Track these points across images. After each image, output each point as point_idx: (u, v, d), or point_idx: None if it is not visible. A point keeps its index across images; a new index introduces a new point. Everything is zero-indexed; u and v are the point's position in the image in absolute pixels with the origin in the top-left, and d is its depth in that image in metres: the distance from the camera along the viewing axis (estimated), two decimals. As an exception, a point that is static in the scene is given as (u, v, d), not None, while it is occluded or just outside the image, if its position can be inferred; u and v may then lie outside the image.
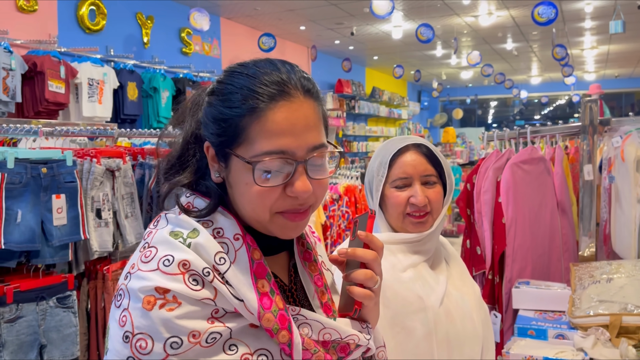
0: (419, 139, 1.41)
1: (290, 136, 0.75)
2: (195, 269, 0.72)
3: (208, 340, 0.71)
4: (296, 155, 0.76)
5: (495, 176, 2.37)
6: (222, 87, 0.79)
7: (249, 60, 0.82)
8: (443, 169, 1.39)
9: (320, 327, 0.80)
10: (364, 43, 10.24)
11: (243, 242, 0.78)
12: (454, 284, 1.43)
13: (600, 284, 1.87)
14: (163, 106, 5.94)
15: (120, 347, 0.71)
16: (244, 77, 0.77)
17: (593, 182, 2.32)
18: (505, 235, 2.26)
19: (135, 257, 0.77)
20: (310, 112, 0.78)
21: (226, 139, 0.78)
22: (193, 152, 0.84)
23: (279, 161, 0.75)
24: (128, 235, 2.76)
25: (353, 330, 0.84)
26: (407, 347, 1.32)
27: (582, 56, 12.25)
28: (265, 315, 0.74)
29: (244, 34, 8.51)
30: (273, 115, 0.75)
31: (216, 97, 0.79)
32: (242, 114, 0.75)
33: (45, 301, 2.33)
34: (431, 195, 1.36)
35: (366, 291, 0.84)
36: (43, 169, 2.31)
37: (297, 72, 0.80)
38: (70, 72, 4.94)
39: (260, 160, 0.75)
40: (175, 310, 0.70)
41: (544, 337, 1.82)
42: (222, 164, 0.80)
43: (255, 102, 0.75)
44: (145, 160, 3.00)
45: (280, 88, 0.76)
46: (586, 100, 2.31)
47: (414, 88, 16.64)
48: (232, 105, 0.76)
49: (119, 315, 0.72)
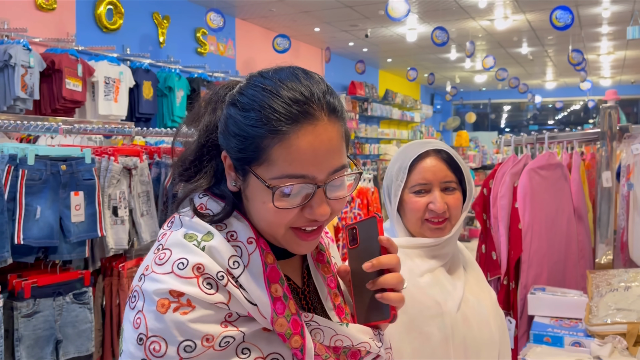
0: (439, 144, 1.40)
1: (313, 163, 0.74)
2: (210, 272, 0.73)
3: (221, 344, 0.71)
4: (317, 179, 0.75)
5: (512, 181, 2.35)
6: (243, 101, 0.76)
7: (270, 69, 0.80)
8: (463, 175, 1.38)
9: (333, 333, 0.80)
10: (377, 45, 10.23)
11: (256, 246, 0.78)
12: (471, 289, 1.43)
13: (618, 292, 1.86)
14: (178, 105, 5.98)
15: (134, 349, 0.72)
16: (266, 93, 0.75)
17: (611, 189, 2.30)
18: (522, 241, 2.25)
19: (149, 259, 0.77)
20: (334, 135, 0.76)
21: (246, 156, 0.76)
22: (209, 157, 0.83)
23: (299, 185, 0.75)
24: (143, 234, 2.79)
25: (365, 338, 0.83)
26: (424, 353, 1.31)
27: (598, 61, 12.14)
28: (278, 320, 0.74)
29: (258, 34, 8.54)
30: (297, 140, 0.73)
31: (237, 110, 0.77)
32: (264, 135, 0.74)
33: (62, 297, 2.36)
34: (450, 201, 1.35)
35: (400, 294, 0.84)
36: (62, 166, 2.34)
37: (321, 88, 0.77)
38: (87, 70, 4.99)
39: (280, 184, 0.74)
40: (189, 314, 0.70)
41: (560, 345, 1.81)
42: (239, 176, 0.79)
43: (278, 123, 0.73)
44: (162, 159, 3.02)
45: (304, 109, 0.74)
46: (605, 106, 2.29)
47: (427, 91, 16.58)
48: (254, 124, 0.74)
49: (133, 317, 0.73)
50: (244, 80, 0.81)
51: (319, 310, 0.87)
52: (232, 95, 0.79)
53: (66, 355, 2.36)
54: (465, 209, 1.41)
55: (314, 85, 0.77)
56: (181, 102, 6.02)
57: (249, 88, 0.77)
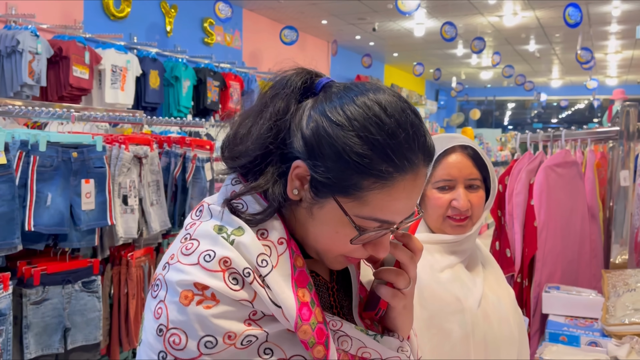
0: (465, 140, 1.37)
1: (401, 213, 0.74)
2: (236, 267, 0.70)
3: (243, 343, 0.69)
4: (395, 224, 0.75)
5: (528, 178, 2.33)
6: (353, 129, 0.69)
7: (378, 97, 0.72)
8: (488, 173, 1.36)
9: (361, 344, 0.78)
10: (384, 39, 10.18)
11: (287, 247, 0.75)
12: (490, 286, 1.41)
13: (635, 292, 1.84)
14: (184, 95, 5.95)
15: (153, 340, 0.69)
16: (383, 133, 0.69)
17: (628, 188, 2.28)
18: (537, 239, 2.23)
19: (175, 248, 0.74)
20: (424, 182, 0.75)
21: (337, 185, 0.71)
22: (273, 160, 0.76)
23: (380, 229, 0.74)
24: (153, 223, 2.77)
25: (394, 352, 0.81)
26: (443, 349, 1.29)
27: (605, 60, 12.09)
28: (302, 327, 0.71)
29: (265, 26, 8.49)
30: (398, 190, 0.71)
31: (343, 136, 0.70)
32: (369, 176, 0.69)
33: (70, 285, 2.34)
34: (474, 199, 1.33)
35: (394, 291, 0.80)
36: (74, 153, 2.32)
37: (425, 130, 0.73)
38: (94, 58, 4.96)
39: (366, 226, 0.72)
40: (212, 308, 0.68)
41: (577, 344, 1.79)
42: (311, 193, 0.73)
43: (388, 170, 0.69)
44: (171, 149, 3.00)
45: (412, 159, 0.71)
46: (625, 105, 2.27)
47: (432, 86, 16.53)
48: (362, 163, 0.69)
49: (154, 307, 0.71)
50: (341, 91, 0.74)
51: (346, 309, 0.85)
52: (332, 108, 0.72)
53: (74, 343, 2.35)
54: (487, 207, 1.38)
55: (421, 128, 0.73)
56: (187, 92, 5.99)
57: (358, 112, 0.70)
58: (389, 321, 0.85)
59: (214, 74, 6.36)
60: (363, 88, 0.74)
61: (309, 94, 0.78)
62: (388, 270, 0.81)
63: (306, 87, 0.78)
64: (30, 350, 2.20)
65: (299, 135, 0.73)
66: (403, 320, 0.85)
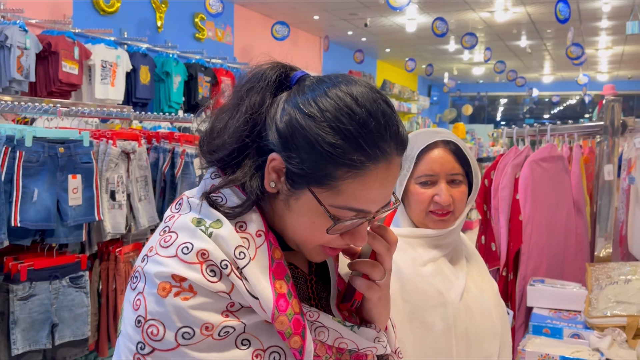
0: (448, 135, 1.37)
1: (376, 201, 0.75)
2: (214, 259, 0.70)
3: (221, 334, 0.70)
4: (371, 213, 0.76)
5: (514, 173, 2.35)
6: (324, 120, 0.71)
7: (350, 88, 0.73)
8: (470, 167, 1.37)
9: (338, 335, 0.79)
10: (376, 35, 10.18)
11: (265, 239, 0.75)
12: (473, 280, 1.42)
13: (618, 285, 1.86)
14: (175, 91, 5.93)
15: (132, 331, 0.70)
16: (354, 123, 0.70)
17: (612, 182, 2.30)
18: (522, 233, 2.25)
19: (154, 240, 0.75)
20: (398, 172, 0.76)
21: (311, 176, 0.72)
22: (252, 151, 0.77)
23: (355, 218, 0.75)
24: (141, 218, 2.77)
25: (370, 342, 0.82)
26: (425, 342, 1.30)
27: (596, 56, 12.14)
28: (279, 318, 0.72)
29: (257, 21, 8.47)
30: (372, 179, 0.72)
31: (317, 126, 0.71)
32: (342, 166, 0.70)
33: (58, 280, 2.34)
34: (456, 194, 1.33)
35: (369, 283, 0.81)
36: (60, 148, 2.31)
37: (396, 120, 0.74)
38: (84, 53, 4.93)
39: (341, 215, 0.73)
40: (190, 300, 0.68)
41: (560, 336, 1.81)
42: (287, 185, 0.74)
43: (361, 160, 0.70)
44: (160, 144, 3.00)
45: (385, 147, 0.72)
46: (609, 100, 2.29)
47: (424, 82, 16.55)
48: (335, 152, 0.70)
49: (133, 298, 0.71)
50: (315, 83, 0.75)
51: (325, 300, 0.86)
52: (305, 100, 0.73)
53: (62, 339, 2.35)
54: (470, 202, 1.39)
55: (393, 117, 0.74)
56: (178, 87, 5.97)
57: (331, 105, 0.71)
58: (366, 312, 0.86)
59: (205, 69, 6.35)
60: (336, 80, 0.75)
61: (284, 87, 0.78)
62: (363, 262, 0.82)
63: (281, 80, 0.78)
64: (17, 346, 2.20)
65: (274, 128, 0.74)
66: (379, 312, 0.86)
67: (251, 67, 0.80)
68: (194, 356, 0.68)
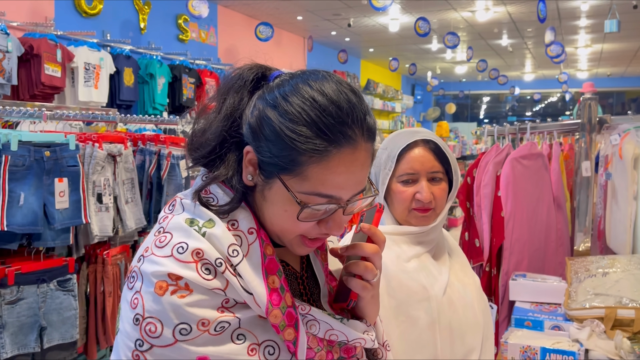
0: (428, 134, 1.42)
1: (345, 186, 0.76)
2: (208, 258, 0.73)
3: (217, 329, 0.72)
4: (342, 200, 0.77)
5: (495, 170, 2.40)
6: (288, 110, 0.74)
7: (313, 75, 0.78)
8: (450, 165, 1.41)
9: (328, 327, 0.81)
10: (360, 35, 10.23)
11: (257, 236, 0.78)
12: (455, 274, 1.46)
13: (596, 278, 1.92)
14: (159, 93, 5.91)
15: (130, 329, 0.73)
16: (315, 110, 0.73)
17: (590, 178, 2.37)
18: (504, 229, 2.30)
19: (149, 241, 0.78)
20: (367, 158, 0.77)
21: (278, 164, 0.75)
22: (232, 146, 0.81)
23: (325, 204, 0.76)
24: (128, 221, 2.77)
25: (360, 334, 0.84)
26: (411, 336, 1.34)
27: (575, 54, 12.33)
28: (273, 312, 0.75)
29: (241, 22, 8.47)
30: (336, 163, 0.73)
31: (280, 117, 0.74)
32: (305, 152, 0.73)
33: (46, 284, 2.34)
34: (436, 192, 1.38)
35: (363, 283, 0.84)
36: (46, 152, 2.31)
37: (363, 108, 0.77)
38: (66, 55, 4.90)
39: (309, 202, 0.75)
40: (186, 297, 0.71)
41: (540, 328, 1.87)
42: (262, 176, 0.78)
43: (322, 144, 0.72)
44: (146, 147, 3.00)
45: (348, 132, 0.74)
46: (585, 98, 2.35)
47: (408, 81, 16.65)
48: (298, 139, 0.73)
49: (131, 297, 0.74)
50: (284, 79, 0.79)
51: (316, 296, 0.89)
52: (272, 95, 0.77)
53: (50, 342, 2.35)
54: (451, 198, 1.43)
55: (358, 105, 0.76)
56: (162, 89, 5.96)
57: (295, 96, 0.75)
58: (358, 310, 0.89)
59: (189, 70, 6.33)
60: (305, 76, 0.79)
61: (261, 86, 0.83)
62: (357, 264, 0.85)
63: (259, 79, 0.83)
64: (6, 350, 2.20)
65: (247, 122, 0.79)
66: (371, 309, 0.90)
67: (234, 69, 0.85)
68: (191, 350, 0.71)
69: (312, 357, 0.79)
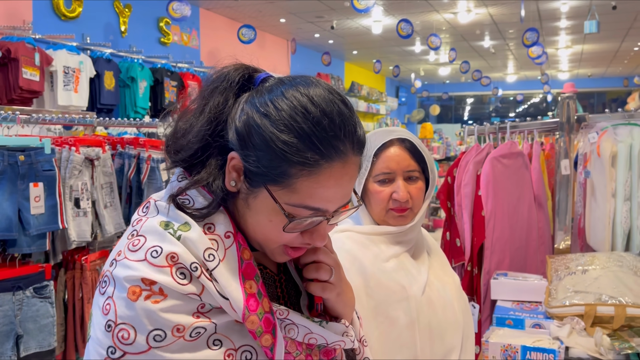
0: (403, 133, 1.41)
1: (332, 200, 0.75)
2: (183, 262, 0.71)
3: (192, 335, 0.70)
4: (329, 212, 0.76)
5: (476, 170, 2.40)
6: (279, 118, 0.72)
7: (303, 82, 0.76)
8: (426, 164, 1.40)
9: (307, 331, 0.80)
10: (343, 37, 10.25)
11: (234, 240, 0.76)
12: (435, 273, 1.45)
13: (575, 275, 1.93)
14: (141, 96, 5.86)
15: (102, 335, 0.70)
16: (308, 121, 0.72)
17: (570, 176, 2.38)
18: (485, 228, 2.31)
19: (122, 244, 0.75)
20: (355, 171, 0.77)
21: (267, 175, 0.73)
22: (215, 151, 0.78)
23: (312, 216, 0.75)
24: (107, 225, 2.73)
25: (339, 337, 0.83)
26: (390, 336, 1.33)
27: (556, 55, 12.48)
28: (250, 318, 0.73)
29: (223, 25, 8.43)
30: (326, 177, 0.72)
31: (271, 125, 0.72)
32: (295, 164, 0.71)
33: (21, 291, 2.29)
34: (413, 191, 1.37)
35: (322, 284, 0.84)
36: (20, 156, 2.27)
37: (354, 120, 0.76)
38: (45, 59, 4.83)
39: (296, 214, 0.74)
40: (160, 302, 0.69)
41: (522, 327, 1.87)
42: (246, 184, 0.76)
43: (314, 157, 0.71)
44: (125, 150, 2.96)
45: (339, 146, 0.73)
46: (564, 96, 2.36)
47: (392, 84, 16.72)
48: (289, 150, 0.71)
49: (102, 303, 0.71)
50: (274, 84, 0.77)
51: (294, 299, 0.87)
52: (262, 100, 0.74)
53: (27, 350, 2.30)
54: (428, 197, 1.42)
55: (350, 118, 0.75)
56: (144, 92, 5.90)
57: (287, 104, 0.73)
58: (330, 310, 0.88)
59: (171, 74, 6.29)
60: (295, 82, 0.76)
61: (247, 88, 0.80)
62: (308, 268, 0.84)
63: (244, 82, 0.80)
64: (-20, 360, 2.15)
65: (233, 127, 0.76)
66: (342, 307, 0.88)
67: (217, 69, 0.82)
68: (166, 357, 0.69)
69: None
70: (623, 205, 2.15)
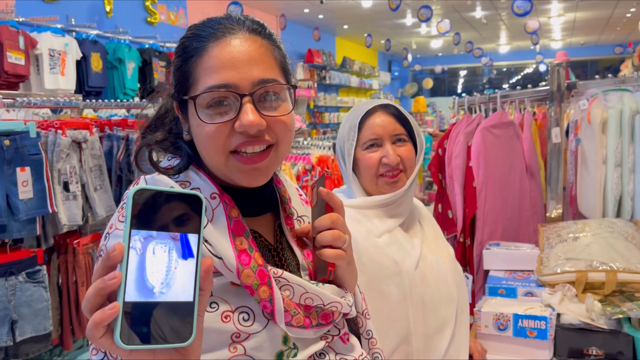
0: (385, 100, 1.42)
1: (231, 69, 0.76)
2: None
3: None
4: (240, 88, 0.76)
5: (466, 141, 2.39)
6: (179, 44, 0.82)
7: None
8: (412, 128, 1.39)
9: (303, 290, 0.80)
10: (333, 12, 10.11)
11: (220, 200, 0.79)
12: (428, 247, 1.45)
13: (567, 243, 1.93)
14: (129, 78, 5.78)
15: None
16: (194, 28, 0.81)
17: (560, 145, 2.37)
18: (476, 199, 2.30)
19: (113, 218, 0.79)
20: (255, 48, 0.79)
21: (180, 87, 0.80)
22: (171, 115, 0.87)
23: (222, 96, 0.76)
24: (98, 209, 2.71)
25: (335, 297, 0.83)
26: (383, 311, 1.33)
27: (549, 24, 12.35)
28: (244, 272, 0.75)
29: (210, 2, 8.28)
30: (213, 50, 0.77)
31: (175, 54, 0.82)
32: (189, 58, 0.78)
33: (14, 276, 2.29)
34: (403, 153, 1.37)
35: (337, 251, 0.84)
36: (5, 141, 2.24)
37: (246, 17, 0.83)
38: (29, 42, 4.74)
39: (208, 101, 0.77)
40: None
41: (514, 295, 1.87)
42: (184, 116, 0.82)
43: (199, 43, 0.78)
44: (113, 132, 2.93)
45: (224, 26, 0.79)
46: (554, 64, 2.34)
47: (384, 58, 16.57)
48: (182, 53, 0.80)
49: None
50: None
51: (294, 267, 0.88)
52: None
53: (23, 335, 2.30)
54: (418, 160, 1.42)
55: (240, 16, 0.83)
56: (132, 74, 5.82)
57: (185, 34, 0.83)
58: (337, 279, 0.88)
59: (159, 54, 6.19)
60: None
61: None
62: (324, 234, 0.84)
63: None
64: (-24, 346, 2.15)
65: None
66: (349, 276, 0.89)
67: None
68: None
69: (289, 320, 0.78)
70: (614, 172, 2.15)
